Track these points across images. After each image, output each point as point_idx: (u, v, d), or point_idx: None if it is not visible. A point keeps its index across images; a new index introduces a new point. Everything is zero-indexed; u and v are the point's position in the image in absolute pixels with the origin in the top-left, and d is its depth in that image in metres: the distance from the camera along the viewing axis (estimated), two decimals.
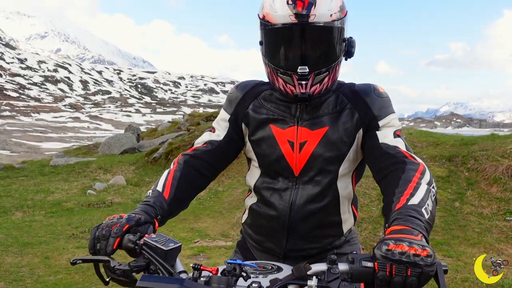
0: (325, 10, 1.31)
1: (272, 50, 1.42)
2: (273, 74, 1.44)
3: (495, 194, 6.13)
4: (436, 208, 1.21)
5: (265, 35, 1.41)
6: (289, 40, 1.37)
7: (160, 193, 1.42)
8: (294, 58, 1.37)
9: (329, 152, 1.46)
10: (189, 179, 1.50)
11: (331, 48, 1.38)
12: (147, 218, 1.28)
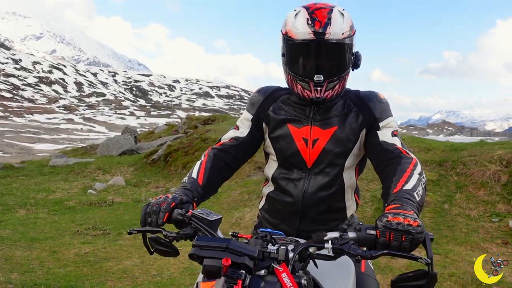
0: (338, 29, 1.60)
1: (292, 61, 1.70)
2: (292, 80, 1.72)
3: (482, 197, 6.45)
4: (425, 193, 1.50)
5: (287, 48, 1.69)
6: (307, 53, 1.65)
7: (195, 180, 1.69)
8: (311, 68, 1.65)
9: (337, 148, 1.75)
10: (218, 169, 1.78)
11: (342, 60, 1.67)
12: (188, 199, 1.55)
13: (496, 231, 5.59)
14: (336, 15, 1.62)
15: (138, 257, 5.25)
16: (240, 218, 7.28)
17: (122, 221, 7.19)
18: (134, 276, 4.57)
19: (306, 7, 1.66)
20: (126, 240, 6.07)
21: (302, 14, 1.63)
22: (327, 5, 1.65)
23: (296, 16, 1.65)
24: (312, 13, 1.61)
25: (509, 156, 7.00)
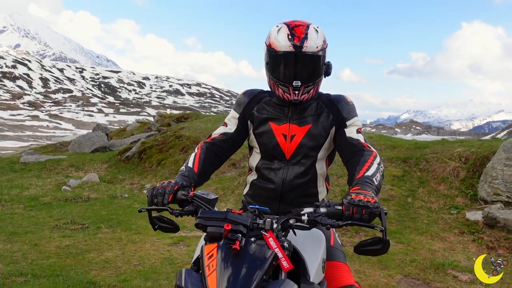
0: (313, 43, 1.91)
1: (275, 68, 1.99)
2: (274, 85, 2.02)
3: (443, 191, 6.95)
4: (382, 179, 1.83)
5: (270, 58, 1.99)
6: (287, 62, 1.95)
7: (191, 169, 1.97)
8: (291, 75, 1.96)
9: (311, 143, 2.06)
10: (210, 160, 2.06)
11: (316, 69, 1.98)
12: (187, 184, 1.83)
13: (454, 222, 6.07)
14: (312, 31, 1.92)
15: (118, 249, 5.45)
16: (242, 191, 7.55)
17: (99, 216, 7.32)
18: (117, 266, 4.77)
19: (287, 24, 1.96)
20: (105, 234, 6.24)
21: (284, 30, 1.93)
22: (304, 22, 1.96)
23: (278, 31, 1.95)
24: (292, 29, 1.92)
25: (467, 153, 7.54)
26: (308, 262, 1.67)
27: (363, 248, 1.59)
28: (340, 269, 1.96)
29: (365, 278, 4.28)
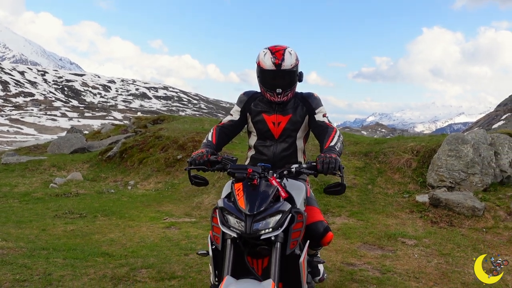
0: (288, 63, 2.83)
1: (263, 80, 2.91)
2: (263, 91, 2.94)
3: (397, 179, 8.05)
4: (342, 146, 2.77)
5: (260, 73, 2.90)
6: (272, 76, 2.87)
7: (211, 142, 2.87)
8: (274, 84, 2.88)
9: (292, 127, 2.99)
10: (222, 137, 2.97)
11: (292, 80, 2.91)
12: (212, 152, 2.71)
13: (406, 204, 7.16)
14: (287, 54, 2.85)
15: (119, 232, 6.22)
16: (200, 202, 8.38)
17: (93, 207, 8.02)
18: (122, 243, 5.55)
19: (270, 49, 2.87)
20: (103, 221, 6.98)
21: (268, 54, 2.85)
22: (282, 47, 2.87)
23: (265, 55, 2.87)
24: (273, 53, 2.84)
25: (418, 147, 8.70)
26: (295, 198, 2.59)
27: (329, 189, 2.54)
28: (314, 211, 2.90)
29: (332, 246, 5.24)
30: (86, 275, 3.99)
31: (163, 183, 10.60)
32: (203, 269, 4.30)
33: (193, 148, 11.86)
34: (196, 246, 5.31)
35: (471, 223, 6.22)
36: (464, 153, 7.41)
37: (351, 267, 4.54)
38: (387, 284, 4.06)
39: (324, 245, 2.91)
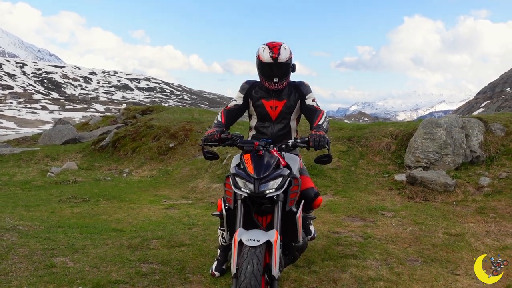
0: (283, 57, 3.39)
1: (262, 71, 3.46)
2: (262, 79, 3.49)
3: (378, 161, 8.72)
4: (328, 125, 3.35)
5: (259, 65, 3.45)
6: (269, 68, 3.42)
7: (221, 122, 3.43)
8: (272, 75, 3.44)
9: (287, 110, 3.56)
10: (229, 118, 3.53)
11: (287, 71, 3.47)
12: (223, 130, 3.26)
13: (385, 183, 7.82)
14: (283, 49, 3.40)
15: (123, 212, 6.73)
16: (194, 186, 8.92)
17: (93, 193, 8.50)
18: (129, 221, 6.07)
19: (268, 45, 3.42)
20: (106, 204, 7.47)
21: (266, 49, 3.40)
22: (278, 43, 3.42)
23: (263, 50, 3.41)
24: (271, 48, 3.39)
25: (397, 131, 9.37)
26: (291, 167, 3.16)
27: (319, 159, 3.13)
28: (306, 179, 3.49)
29: (320, 218, 5.85)
30: (105, 244, 4.52)
31: (157, 170, 11.10)
32: (207, 238, 4.87)
33: (184, 136, 12.36)
34: (197, 222, 5.86)
35: (443, 198, 6.92)
36: (437, 135, 8.10)
37: (337, 234, 5.17)
38: (368, 246, 4.69)
39: (315, 207, 3.51)
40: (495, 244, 4.85)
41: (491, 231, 5.33)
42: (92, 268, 3.74)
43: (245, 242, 2.61)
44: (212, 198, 7.86)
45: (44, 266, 3.71)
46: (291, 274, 3.80)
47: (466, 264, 4.21)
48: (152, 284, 3.47)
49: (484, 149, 8.16)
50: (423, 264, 4.22)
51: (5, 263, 3.73)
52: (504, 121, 8.74)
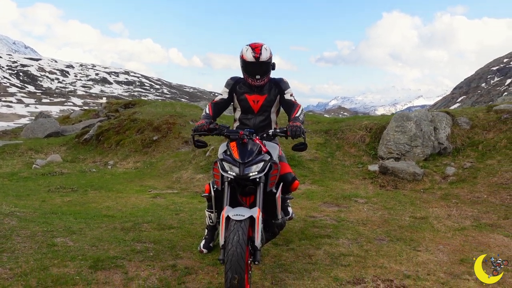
0: (264, 56, 3.80)
1: (246, 69, 3.87)
2: (246, 76, 3.91)
3: (353, 153, 9.24)
4: (304, 117, 3.80)
5: (243, 64, 3.86)
6: (252, 66, 3.83)
7: (209, 114, 3.83)
8: (254, 72, 3.85)
9: (267, 104, 3.99)
10: (216, 110, 3.94)
11: (267, 69, 3.89)
12: (211, 122, 3.67)
13: (359, 173, 8.34)
14: (264, 50, 3.81)
15: (112, 201, 7.06)
16: (179, 177, 9.28)
17: (81, 183, 8.78)
18: (118, 209, 6.41)
19: (250, 46, 3.82)
20: (94, 194, 7.78)
21: (249, 49, 3.81)
22: (260, 44, 3.83)
23: (246, 50, 3.82)
24: (253, 49, 3.80)
25: (371, 125, 9.91)
26: (272, 153, 3.59)
27: (296, 147, 3.57)
28: (285, 165, 3.92)
29: (297, 204, 6.31)
30: (100, 227, 4.88)
31: (141, 162, 11.40)
32: (194, 222, 5.28)
33: (167, 130, 12.68)
34: (184, 208, 6.25)
35: (412, 186, 7.47)
36: (408, 128, 8.66)
37: (313, 218, 5.64)
38: (341, 228, 5.17)
39: (292, 190, 3.95)
40: (455, 226, 5.39)
41: (452, 215, 5.88)
42: (90, 247, 4.11)
43: (232, 217, 3.03)
44: (196, 188, 8.25)
45: (46, 245, 4.07)
46: (271, 251, 4.25)
47: (427, 242, 4.73)
48: (147, 259, 3.86)
49: (451, 141, 8.75)
50: (389, 242, 4.71)
51: (10, 242, 4.07)
52: (469, 115, 9.36)
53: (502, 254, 4.36)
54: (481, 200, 6.54)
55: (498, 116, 9.04)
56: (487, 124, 8.95)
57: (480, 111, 9.66)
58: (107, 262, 3.72)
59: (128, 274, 3.53)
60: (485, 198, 6.60)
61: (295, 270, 3.78)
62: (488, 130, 8.79)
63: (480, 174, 7.46)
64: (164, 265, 3.75)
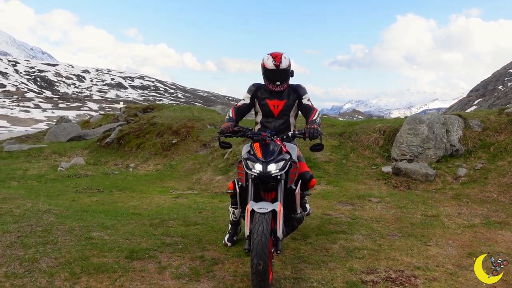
0: (284, 64, 4.15)
1: (267, 76, 4.22)
2: (267, 83, 4.25)
3: (367, 155, 9.51)
4: (321, 120, 4.13)
5: (264, 71, 4.21)
6: (273, 74, 4.18)
7: (232, 118, 4.18)
8: (275, 79, 4.20)
9: (287, 108, 4.33)
10: (238, 114, 4.29)
11: (287, 76, 4.23)
12: (235, 124, 4.02)
13: (373, 174, 8.62)
14: (283, 58, 4.16)
15: (137, 201, 7.45)
16: (198, 179, 9.66)
17: (106, 184, 9.22)
18: (144, 208, 6.80)
19: (271, 55, 4.17)
20: (119, 194, 8.20)
21: (270, 58, 4.15)
22: (280, 54, 4.18)
23: (268, 59, 4.17)
24: (274, 58, 4.14)
25: (385, 127, 10.17)
26: (291, 153, 3.92)
27: (313, 147, 3.90)
28: (303, 165, 4.25)
29: (314, 204, 6.62)
30: (130, 224, 5.26)
31: (161, 164, 11.83)
32: (217, 219, 5.63)
33: (186, 133, 13.10)
34: (206, 207, 6.62)
35: (424, 186, 7.72)
36: (420, 131, 8.91)
37: (329, 216, 5.95)
38: (356, 225, 5.47)
39: (310, 187, 4.27)
40: (464, 223, 5.65)
41: (462, 213, 6.13)
42: (124, 240, 4.49)
43: (257, 210, 3.36)
44: (216, 189, 8.61)
45: (84, 238, 4.46)
46: (291, 245, 4.57)
47: (438, 238, 5.00)
48: (176, 251, 4.22)
49: (463, 143, 8.97)
50: (401, 238, 5.00)
51: (52, 236, 4.47)
52: (481, 118, 9.56)
53: (508, 249, 4.63)
54: (491, 200, 6.77)
55: (509, 118, 9.23)
56: (498, 127, 9.15)
57: (492, 113, 9.85)
58: (141, 253, 4.09)
59: (161, 263, 3.89)
60: (495, 198, 6.83)
61: (313, 261, 4.09)
62: (500, 132, 8.99)
63: (491, 174, 7.68)
64: (193, 256, 4.10)
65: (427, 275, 3.84)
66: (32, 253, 3.93)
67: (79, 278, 3.48)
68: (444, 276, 3.85)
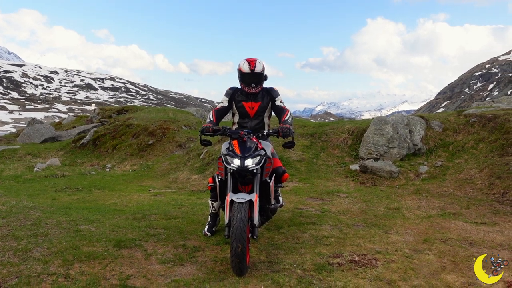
0: (258, 68, 4.59)
1: (243, 79, 4.64)
2: (242, 85, 4.68)
3: (336, 154, 10.06)
4: (292, 121, 4.58)
5: (240, 75, 4.63)
6: (248, 77, 4.61)
7: (212, 120, 4.58)
8: (250, 82, 4.62)
9: (261, 109, 4.77)
10: (218, 116, 4.69)
11: (261, 79, 4.67)
12: (216, 125, 4.42)
13: (342, 172, 9.15)
14: (258, 63, 4.59)
15: (117, 199, 7.74)
16: (175, 178, 9.99)
17: (84, 184, 9.43)
18: (124, 205, 7.10)
19: (247, 60, 4.60)
20: (99, 193, 8.45)
21: (246, 63, 4.58)
22: (254, 59, 4.61)
23: (243, 63, 4.59)
24: (249, 63, 4.57)
25: (353, 128, 10.75)
26: (266, 150, 4.34)
27: (285, 145, 4.35)
28: (276, 160, 4.69)
29: (286, 199, 7.07)
30: (114, 218, 5.58)
31: (138, 165, 12.07)
32: (196, 213, 6.01)
33: (162, 134, 13.38)
34: (184, 203, 6.97)
35: (389, 183, 8.30)
36: (386, 131, 9.51)
37: (300, 209, 6.41)
38: (324, 217, 5.95)
39: (283, 181, 4.71)
40: (423, 214, 6.22)
41: (421, 206, 6.71)
42: (111, 231, 4.81)
43: (235, 200, 3.77)
44: (193, 187, 8.96)
45: (73, 231, 4.76)
46: (265, 234, 5.00)
47: (398, 227, 5.53)
48: (160, 241, 4.58)
49: (425, 143, 9.63)
50: (365, 227, 5.50)
51: (41, 229, 4.75)
52: (442, 119, 10.26)
53: (459, 236, 5.19)
54: (448, 194, 7.40)
55: (467, 119, 9.95)
56: (457, 127, 9.86)
57: (452, 115, 10.57)
58: (128, 242, 4.43)
59: (147, 251, 4.25)
60: (452, 192, 7.46)
61: (285, 248, 4.53)
62: (458, 132, 9.69)
63: (449, 171, 8.33)
64: (176, 245, 4.47)
65: (387, 258, 4.33)
66: (24, 244, 4.21)
67: (72, 265, 3.80)
68: (401, 258, 4.35)
